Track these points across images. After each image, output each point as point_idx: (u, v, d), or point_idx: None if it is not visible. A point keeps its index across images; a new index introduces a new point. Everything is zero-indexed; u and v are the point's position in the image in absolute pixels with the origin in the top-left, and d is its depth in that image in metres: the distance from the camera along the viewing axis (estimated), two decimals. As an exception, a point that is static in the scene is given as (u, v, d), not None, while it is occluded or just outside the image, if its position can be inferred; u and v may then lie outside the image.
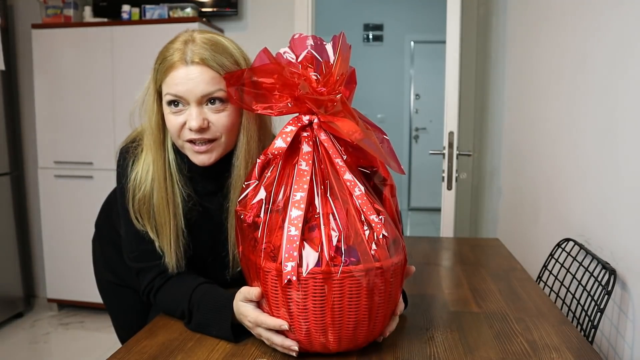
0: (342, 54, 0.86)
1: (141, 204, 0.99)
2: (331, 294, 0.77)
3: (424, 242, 1.71)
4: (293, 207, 0.79)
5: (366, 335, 0.83)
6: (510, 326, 0.98)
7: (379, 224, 0.81)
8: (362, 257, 0.78)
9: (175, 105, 0.93)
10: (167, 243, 0.99)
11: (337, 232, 0.79)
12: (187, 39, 0.94)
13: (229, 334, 0.89)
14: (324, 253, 0.77)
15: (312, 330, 0.80)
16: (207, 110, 0.93)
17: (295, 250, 0.77)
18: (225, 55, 0.93)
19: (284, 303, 0.79)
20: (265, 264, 0.80)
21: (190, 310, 0.95)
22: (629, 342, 1.15)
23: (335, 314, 0.78)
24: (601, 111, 1.34)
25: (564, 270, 1.44)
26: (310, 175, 0.82)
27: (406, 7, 5.75)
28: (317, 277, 0.77)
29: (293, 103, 0.84)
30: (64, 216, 2.90)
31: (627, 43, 1.20)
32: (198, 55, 0.91)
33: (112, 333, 1.37)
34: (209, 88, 0.91)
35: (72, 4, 2.83)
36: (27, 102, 3.11)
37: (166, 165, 0.98)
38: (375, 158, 0.87)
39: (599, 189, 1.33)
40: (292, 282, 0.77)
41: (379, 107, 5.88)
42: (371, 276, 0.78)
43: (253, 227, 0.84)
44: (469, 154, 2.41)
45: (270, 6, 2.87)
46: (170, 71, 0.92)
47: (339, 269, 0.76)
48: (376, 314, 0.81)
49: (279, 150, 0.84)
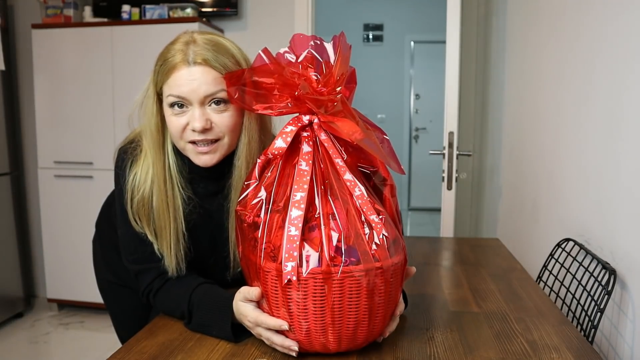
0: (342, 54, 0.86)
1: (140, 205, 0.99)
2: (331, 294, 0.77)
3: (424, 242, 1.71)
4: (293, 207, 0.79)
5: (366, 335, 0.83)
6: (510, 326, 0.98)
7: (379, 224, 0.81)
8: (362, 257, 0.78)
9: (178, 107, 0.93)
10: (167, 246, 0.99)
11: (337, 232, 0.79)
12: (188, 40, 0.93)
13: (229, 334, 0.89)
14: (324, 253, 0.77)
15: (312, 330, 0.80)
16: (210, 111, 0.93)
17: (295, 250, 0.77)
18: (227, 55, 0.93)
19: (284, 303, 0.79)
20: (265, 264, 0.80)
21: (190, 310, 0.95)
22: (629, 342, 1.15)
23: (335, 314, 0.78)
24: (601, 111, 1.34)
25: (564, 270, 1.44)
26: (310, 175, 0.82)
27: (406, 7, 5.75)
28: (317, 277, 0.77)
29: (293, 103, 0.84)
30: (64, 216, 2.90)
31: (628, 42, 1.20)
32: (200, 56, 0.91)
33: (112, 333, 1.37)
34: (212, 88, 0.91)
35: (72, 4, 2.83)
36: (27, 102, 3.11)
37: (166, 168, 0.98)
38: (375, 158, 0.87)
39: (599, 189, 1.33)
40: (292, 282, 0.77)
41: (379, 107, 5.88)
42: (371, 276, 0.78)
43: (253, 227, 0.84)
44: (469, 154, 2.41)
45: (270, 6, 2.87)
46: (173, 72, 0.92)
47: (339, 269, 0.76)
48: (376, 313, 0.81)
49: (279, 150, 0.84)
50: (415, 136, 6.03)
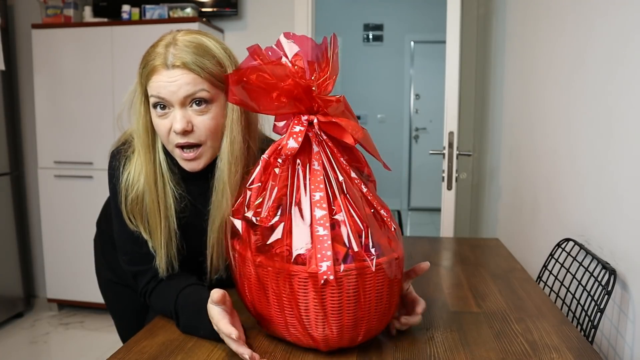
0: (335, 53, 0.86)
1: (134, 204, 0.99)
2: (364, 288, 0.79)
3: (424, 242, 1.71)
4: (315, 208, 0.80)
5: (384, 325, 0.88)
6: (510, 326, 0.98)
7: (388, 217, 0.87)
8: (384, 249, 0.81)
9: (161, 108, 0.93)
10: (158, 244, 0.99)
11: (363, 227, 0.81)
12: (169, 41, 0.93)
13: (214, 335, 0.88)
14: (352, 249, 0.79)
15: (345, 326, 0.81)
16: (192, 113, 0.93)
17: (328, 250, 0.78)
18: (207, 57, 0.93)
19: (320, 303, 0.79)
20: (291, 267, 0.79)
21: (177, 312, 0.95)
22: (629, 342, 1.15)
23: (368, 307, 0.81)
24: (601, 111, 1.34)
25: (564, 270, 1.44)
26: (323, 175, 0.83)
27: (406, 7, 5.75)
28: (351, 273, 0.78)
29: (292, 102, 0.84)
30: (64, 216, 2.90)
31: (627, 44, 1.20)
32: (179, 59, 0.90)
33: (112, 333, 1.37)
34: (191, 89, 0.91)
35: (72, 4, 2.83)
36: (27, 102, 3.11)
37: (157, 167, 0.98)
38: (360, 156, 0.91)
39: (599, 189, 1.33)
40: (329, 281, 0.77)
41: (379, 107, 5.88)
42: (393, 267, 0.82)
43: (269, 230, 0.83)
44: (469, 154, 2.41)
45: (270, 6, 2.87)
46: (153, 75, 0.92)
47: (370, 263, 0.79)
48: (393, 303, 0.86)
49: (292, 151, 0.83)
50: (415, 136, 6.03)
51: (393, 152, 5.89)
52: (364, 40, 5.85)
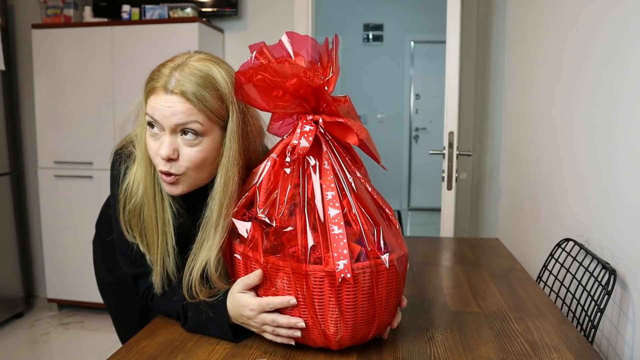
0: (336, 54, 0.87)
1: (131, 215, 0.98)
2: (377, 284, 0.81)
3: (424, 242, 1.71)
4: (329, 207, 0.81)
5: (391, 320, 0.90)
6: (510, 326, 0.98)
7: (392, 216, 0.89)
8: (393, 246, 0.83)
9: (152, 127, 0.92)
10: (155, 260, 0.98)
11: (374, 225, 0.82)
12: (179, 63, 0.91)
13: (228, 331, 0.89)
14: (366, 247, 0.80)
15: (359, 323, 0.82)
16: (181, 141, 0.91)
17: (344, 248, 0.78)
18: (209, 89, 0.89)
19: (336, 302, 0.80)
20: (306, 267, 0.79)
21: (185, 311, 0.95)
22: (629, 342, 1.15)
23: (379, 303, 0.82)
24: (601, 111, 1.34)
25: (564, 270, 1.44)
26: (333, 174, 0.84)
27: (406, 7, 5.74)
28: (366, 271, 0.79)
29: (298, 101, 0.84)
30: (64, 216, 2.90)
31: (627, 43, 1.20)
32: (179, 87, 0.88)
33: (112, 333, 1.37)
34: (184, 118, 0.89)
35: (72, 4, 2.83)
36: (27, 102, 3.11)
37: (156, 180, 0.97)
38: (357, 156, 0.92)
39: (599, 189, 1.33)
40: (346, 279, 0.78)
41: (379, 107, 5.87)
42: (402, 263, 0.85)
43: (281, 230, 0.82)
44: (469, 154, 2.41)
45: (270, 6, 2.87)
46: (152, 94, 0.91)
47: (383, 260, 0.81)
48: (399, 298, 0.88)
49: (304, 150, 0.83)
50: (415, 136, 6.03)
51: (393, 152, 5.89)
52: (364, 40, 5.85)
